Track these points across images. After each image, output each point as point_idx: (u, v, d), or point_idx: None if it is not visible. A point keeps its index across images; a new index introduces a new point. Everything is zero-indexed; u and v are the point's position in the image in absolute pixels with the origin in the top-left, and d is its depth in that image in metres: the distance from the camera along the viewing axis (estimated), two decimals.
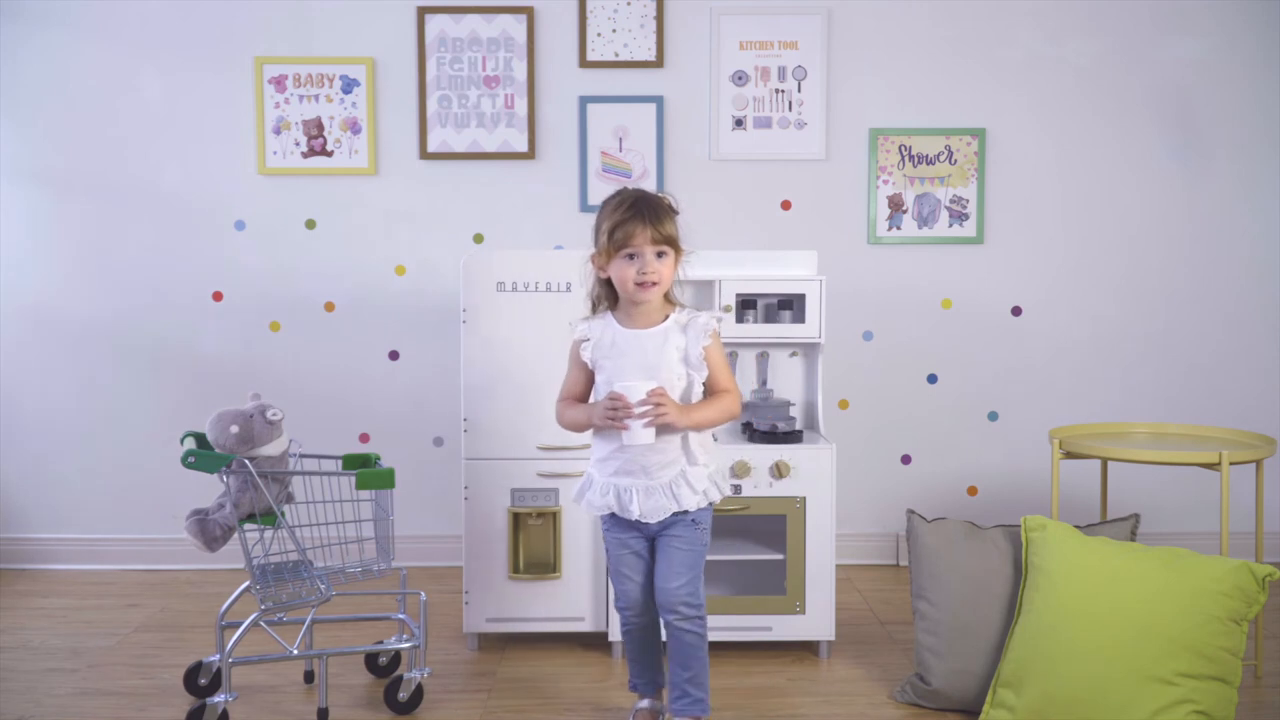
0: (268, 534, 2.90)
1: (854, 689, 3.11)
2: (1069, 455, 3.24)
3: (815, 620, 3.32)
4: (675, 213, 2.51)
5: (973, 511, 4.31)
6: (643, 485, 2.54)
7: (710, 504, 2.59)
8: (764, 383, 3.63)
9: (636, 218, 2.44)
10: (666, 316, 2.56)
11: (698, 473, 2.56)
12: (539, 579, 3.37)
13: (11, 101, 4.20)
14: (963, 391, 4.32)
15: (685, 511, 2.56)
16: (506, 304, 3.32)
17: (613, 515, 2.60)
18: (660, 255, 2.48)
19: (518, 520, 3.36)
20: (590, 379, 2.60)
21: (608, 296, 2.60)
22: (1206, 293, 4.29)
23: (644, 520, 2.55)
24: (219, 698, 2.74)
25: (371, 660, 3.20)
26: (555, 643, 3.45)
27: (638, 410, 2.40)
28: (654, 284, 2.48)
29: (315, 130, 4.20)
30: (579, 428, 2.58)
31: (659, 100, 4.19)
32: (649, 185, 4.23)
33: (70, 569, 4.29)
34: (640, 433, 2.41)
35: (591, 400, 2.63)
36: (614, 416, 2.41)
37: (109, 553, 4.31)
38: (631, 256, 2.47)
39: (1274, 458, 4.04)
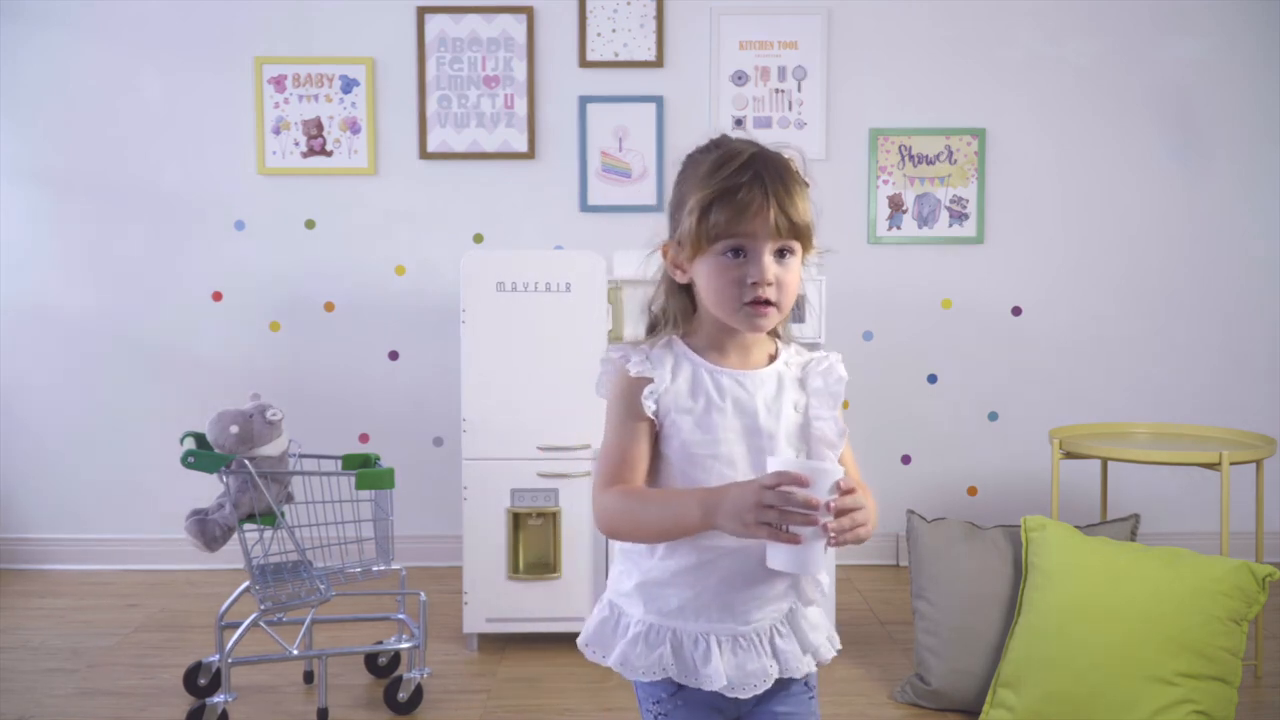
0: (267, 534, 2.90)
1: (854, 689, 3.11)
2: (1069, 455, 3.24)
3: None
4: (805, 184, 1.53)
5: (973, 511, 4.31)
6: (728, 633, 1.51)
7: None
8: None
9: (754, 187, 1.46)
10: (772, 355, 1.59)
11: (817, 616, 1.59)
12: (539, 579, 3.37)
13: (11, 101, 4.20)
14: (963, 391, 4.32)
15: (793, 679, 1.56)
16: (506, 304, 3.32)
17: (671, 685, 1.54)
18: (783, 255, 1.50)
19: (518, 520, 3.37)
20: (654, 447, 1.52)
21: (680, 313, 1.59)
22: (1206, 293, 4.29)
23: (731, 694, 1.51)
24: (219, 698, 2.74)
25: (371, 660, 3.20)
26: (555, 643, 3.45)
27: (821, 515, 1.35)
28: (770, 303, 1.49)
29: (315, 130, 4.20)
30: (667, 532, 1.46)
31: (659, 100, 4.19)
32: (649, 186, 4.23)
33: (70, 569, 4.28)
34: (815, 552, 1.36)
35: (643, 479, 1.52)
36: (778, 519, 1.33)
37: (109, 553, 4.31)
38: (737, 253, 1.48)
39: (1274, 458, 4.03)
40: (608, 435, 1.53)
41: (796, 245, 1.52)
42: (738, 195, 1.46)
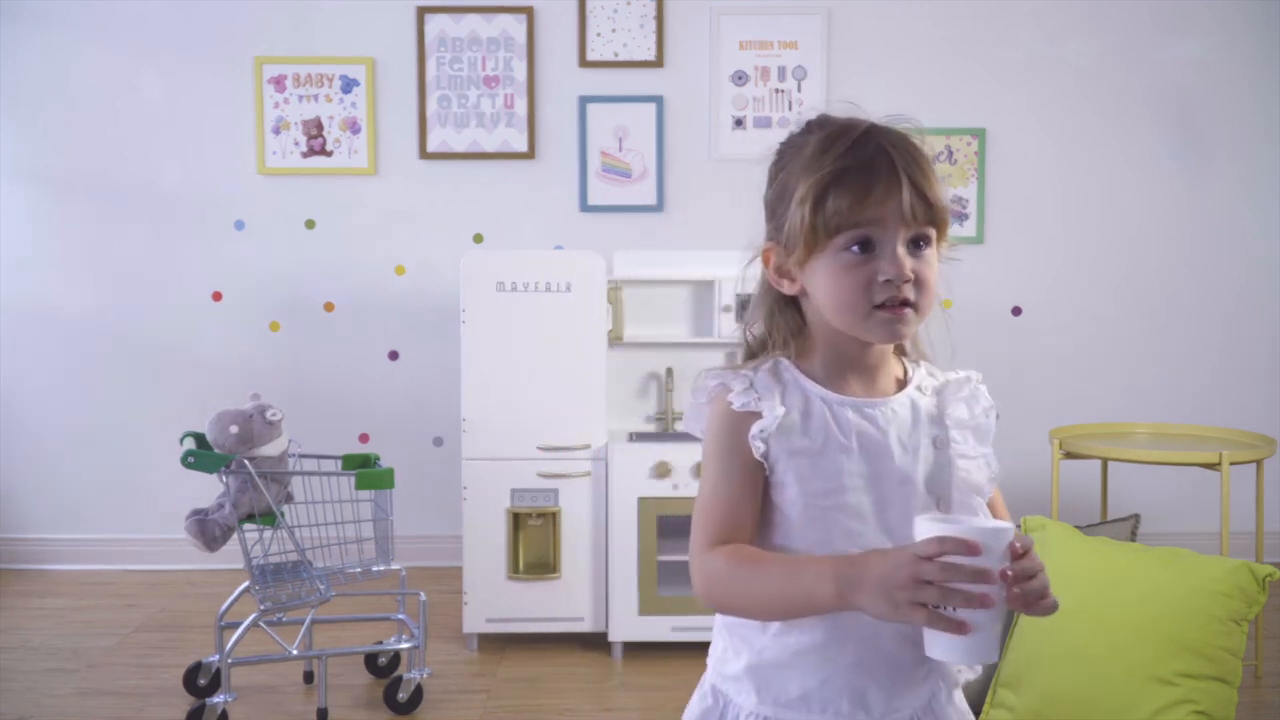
0: (267, 534, 2.90)
1: None
2: (1069, 455, 3.24)
3: None
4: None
5: None
6: None
7: None
8: None
9: (878, 162, 1.20)
10: (903, 379, 1.33)
11: (962, 700, 1.32)
12: (539, 579, 3.37)
13: (11, 101, 4.20)
14: None
15: None
16: (506, 304, 3.32)
17: None
18: (918, 245, 1.23)
19: (517, 520, 3.37)
20: (762, 497, 1.24)
21: (789, 333, 1.30)
22: (1206, 293, 4.29)
23: None
24: (218, 698, 2.75)
25: (371, 660, 3.20)
26: (555, 643, 3.45)
27: (996, 591, 1.07)
28: (907, 306, 1.23)
29: (315, 130, 4.20)
30: (791, 609, 1.17)
31: (659, 100, 4.19)
32: (649, 186, 4.22)
33: (70, 569, 4.28)
34: (990, 638, 1.09)
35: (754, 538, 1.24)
36: (940, 599, 1.05)
37: (109, 553, 4.31)
38: (863, 246, 1.20)
39: (1274, 458, 4.03)
40: (707, 483, 1.25)
41: (933, 233, 1.23)
42: (861, 175, 1.19)
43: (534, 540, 3.39)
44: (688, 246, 4.05)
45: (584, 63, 4.19)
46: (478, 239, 4.25)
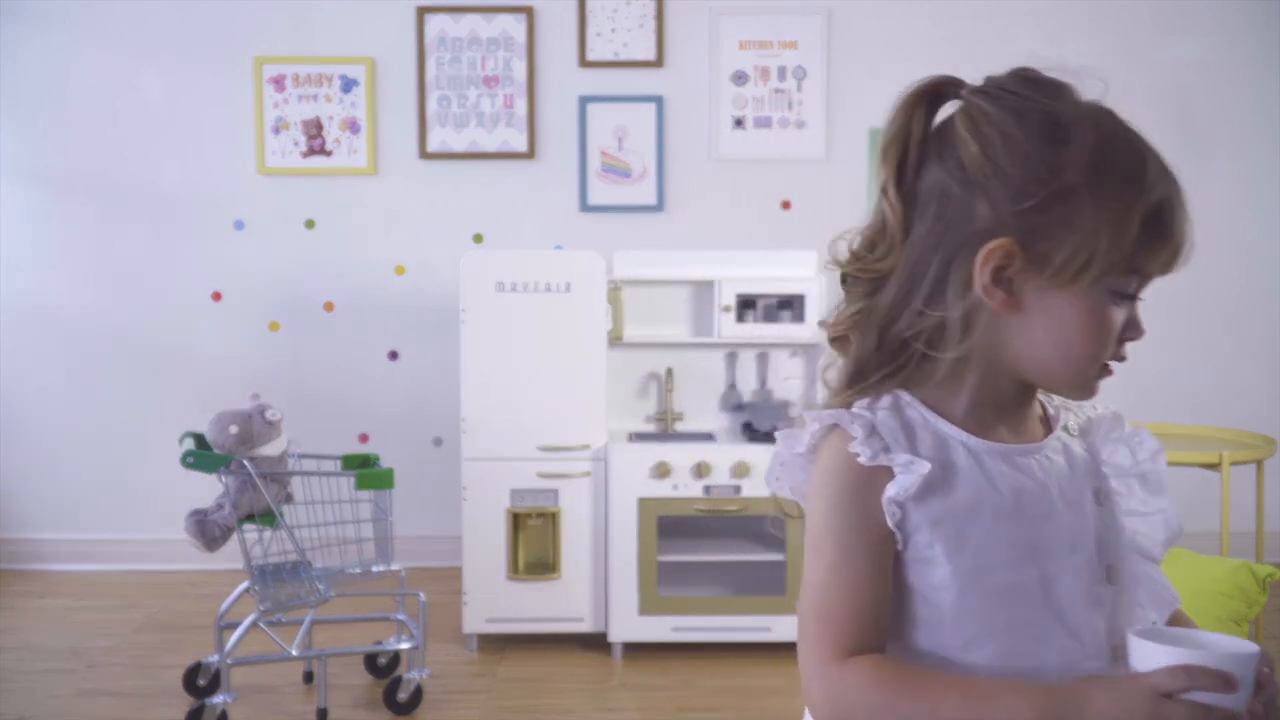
0: (267, 534, 2.90)
1: None
2: None
3: None
4: None
5: None
6: None
7: None
8: (764, 383, 3.63)
9: (1181, 201, 1.08)
10: (1044, 418, 1.08)
11: None
12: (539, 579, 3.37)
13: (11, 101, 4.20)
14: None
15: None
16: (506, 304, 3.33)
17: None
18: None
19: (517, 520, 3.37)
20: (890, 581, 0.98)
21: (969, 354, 1.00)
22: (1206, 293, 4.29)
23: None
24: (218, 698, 2.75)
25: (371, 661, 3.20)
26: (555, 643, 3.45)
27: None
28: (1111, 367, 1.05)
29: (314, 130, 4.20)
30: None
31: (659, 100, 4.19)
32: (649, 186, 4.22)
33: (70, 569, 4.28)
34: None
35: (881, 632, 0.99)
36: None
37: (109, 553, 4.30)
38: (1133, 295, 1.04)
39: (1274, 458, 4.03)
40: (821, 567, 0.96)
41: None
42: (1175, 212, 1.02)
43: (534, 540, 3.39)
44: (688, 246, 4.05)
45: (584, 63, 4.18)
46: (478, 239, 4.25)
